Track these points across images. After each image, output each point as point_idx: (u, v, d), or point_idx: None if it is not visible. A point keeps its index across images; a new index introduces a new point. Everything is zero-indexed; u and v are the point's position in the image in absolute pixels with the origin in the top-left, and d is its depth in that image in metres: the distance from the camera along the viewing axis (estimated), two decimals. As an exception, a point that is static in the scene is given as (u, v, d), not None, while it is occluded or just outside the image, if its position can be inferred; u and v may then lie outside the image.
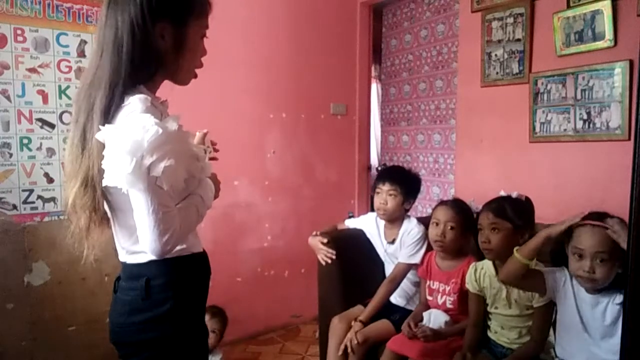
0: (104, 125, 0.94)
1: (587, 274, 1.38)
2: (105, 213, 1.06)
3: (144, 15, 0.97)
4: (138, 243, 1.02)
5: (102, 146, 0.93)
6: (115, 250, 1.12)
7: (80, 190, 0.98)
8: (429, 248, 2.00)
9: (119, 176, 0.89)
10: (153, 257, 1.01)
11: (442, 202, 1.97)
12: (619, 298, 1.38)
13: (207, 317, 1.85)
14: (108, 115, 0.96)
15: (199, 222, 1.09)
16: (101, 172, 0.94)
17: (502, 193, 1.75)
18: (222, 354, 2.27)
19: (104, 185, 0.93)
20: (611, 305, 1.40)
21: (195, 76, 1.12)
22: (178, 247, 1.03)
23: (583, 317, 1.46)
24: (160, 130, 0.90)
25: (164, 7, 1.00)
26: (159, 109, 1.01)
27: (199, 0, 1.06)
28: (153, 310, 1.04)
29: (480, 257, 1.86)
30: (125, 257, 1.09)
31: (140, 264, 1.05)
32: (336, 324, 2.04)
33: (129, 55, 0.97)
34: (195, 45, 1.08)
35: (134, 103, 0.95)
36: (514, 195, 1.73)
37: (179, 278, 1.07)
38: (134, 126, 0.90)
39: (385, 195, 2.08)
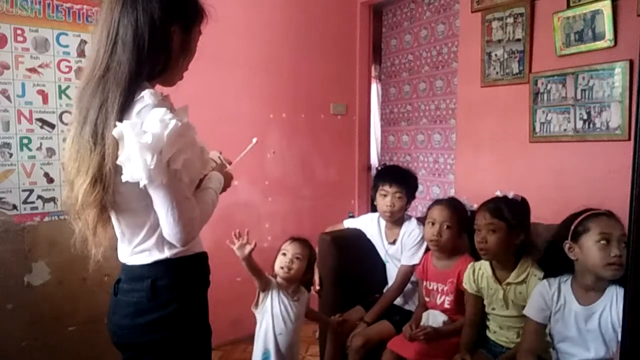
0: (119, 121, 0.94)
1: (618, 259, 1.32)
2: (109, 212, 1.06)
3: (164, 15, 1.00)
4: (145, 242, 1.04)
5: (117, 142, 0.93)
6: (117, 250, 1.12)
7: (89, 187, 0.97)
8: (429, 248, 2.00)
9: (140, 172, 0.90)
10: (157, 258, 1.03)
11: (437, 202, 1.96)
12: (612, 306, 1.35)
13: (287, 243, 1.82)
14: (124, 112, 0.96)
15: (212, 212, 1.11)
16: (116, 168, 0.94)
17: (498, 193, 1.76)
18: (308, 294, 1.89)
19: (123, 180, 0.93)
20: (606, 314, 1.37)
21: (181, 78, 1.14)
22: (182, 248, 1.04)
23: (578, 329, 1.42)
24: (179, 124, 0.92)
25: (180, 11, 1.04)
26: (167, 103, 1.02)
27: (201, 8, 1.11)
28: (159, 311, 1.04)
29: (475, 256, 1.86)
30: (127, 259, 1.08)
31: (143, 265, 1.05)
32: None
33: (147, 54, 0.98)
34: (194, 48, 1.11)
35: (147, 97, 0.96)
36: (511, 195, 1.73)
37: (183, 278, 1.08)
38: (152, 120, 0.91)
39: (392, 198, 2.07)
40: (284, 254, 1.80)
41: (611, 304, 1.37)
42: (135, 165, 0.90)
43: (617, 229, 1.35)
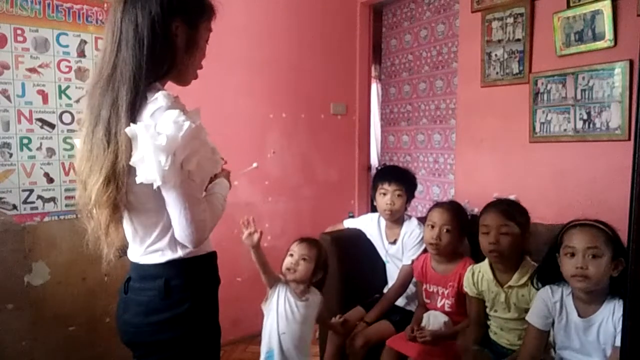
0: (130, 119, 0.94)
1: (580, 270, 1.35)
2: (122, 212, 1.06)
3: (163, 12, 1.00)
4: (158, 242, 1.04)
5: (130, 141, 0.94)
6: (119, 250, 1.11)
7: (102, 186, 0.97)
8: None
9: (154, 173, 0.90)
10: (170, 258, 1.04)
11: (437, 205, 1.96)
12: (610, 319, 1.36)
13: (295, 244, 1.78)
14: (134, 110, 0.96)
15: (220, 217, 1.12)
16: (129, 167, 0.94)
17: (496, 195, 1.75)
18: (321, 297, 1.82)
19: (138, 182, 0.93)
20: (604, 326, 1.38)
21: (196, 77, 1.14)
22: (194, 248, 1.05)
23: (579, 339, 1.43)
24: (193, 125, 0.92)
25: (181, 7, 1.03)
26: (180, 105, 1.02)
27: (209, 4, 1.10)
28: (171, 311, 1.05)
29: (476, 259, 1.86)
30: (139, 258, 1.09)
31: (156, 264, 1.05)
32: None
33: (150, 51, 0.99)
34: (202, 46, 1.11)
35: (160, 99, 0.96)
36: (512, 197, 1.73)
37: (196, 278, 1.09)
38: (165, 122, 0.92)
39: (391, 196, 2.08)
40: (291, 255, 1.78)
41: (610, 316, 1.37)
42: (149, 166, 0.91)
43: (583, 242, 1.38)
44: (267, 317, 1.78)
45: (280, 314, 1.74)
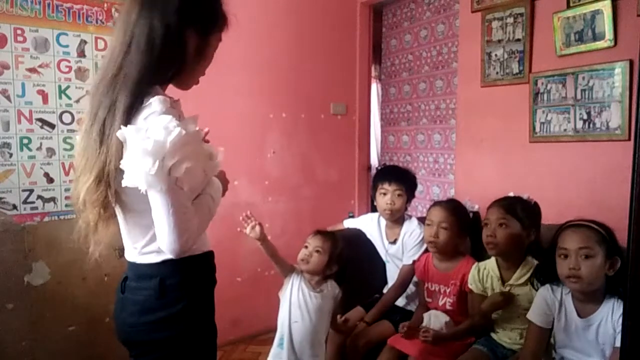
0: (125, 123, 0.94)
1: (573, 271, 1.37)
2: (113, 211, 1.06)
3: (178, 19, 1.00)
4: (152, 243, 1.03)
5: (121, 144, 0.94)
6: (118, 250, 1.12)
7: (93, 186, 0.97)
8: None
9: (139, 177, 0.90)
10: (166, 257, 1.03)
11: (436, 203, 1.96)
12: (610, 318, 1.37)
13: (310, 236, 1.79)
14: (130, 113, 0.96)
15: (210, 220, 1.10)
16: (117, 169, 0.94)
17: (512, 194, 1.76)
18: (339, 290, 1.82)
19: (123, 185, 0.93)
20: (602, 326, 1.38)
21: (197, 82, 1.15)
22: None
23: (578, 338, 1.44)
24: (183, 132, 0.91)
25: (196, 15, 1.04)
26: (176, 110, 1.01)
27: (223, 16, 1.12)
28: (166, 310, 1.05)
29: (477, 257, 1.86)
30: (135, 257, 1.09)
31: (152, 263, 1.05)
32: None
33: (159, 57, 0.98)
34: (210, 56, 1.12)
35: (155, 104, 0.95)
36: (525, 197, 1.73)
37: (191, 277, 1.08)
38: (155, 127, 0.91)
39: (392, 196, 2.08)
40: (306, 247, 1.80)
41: (609, 316, 1.38)
42: (135, 170, 0.90)
43: (575, 242, 1.39)
44: (282, 306, 1.79)
45: (293, 303, 1.75)
